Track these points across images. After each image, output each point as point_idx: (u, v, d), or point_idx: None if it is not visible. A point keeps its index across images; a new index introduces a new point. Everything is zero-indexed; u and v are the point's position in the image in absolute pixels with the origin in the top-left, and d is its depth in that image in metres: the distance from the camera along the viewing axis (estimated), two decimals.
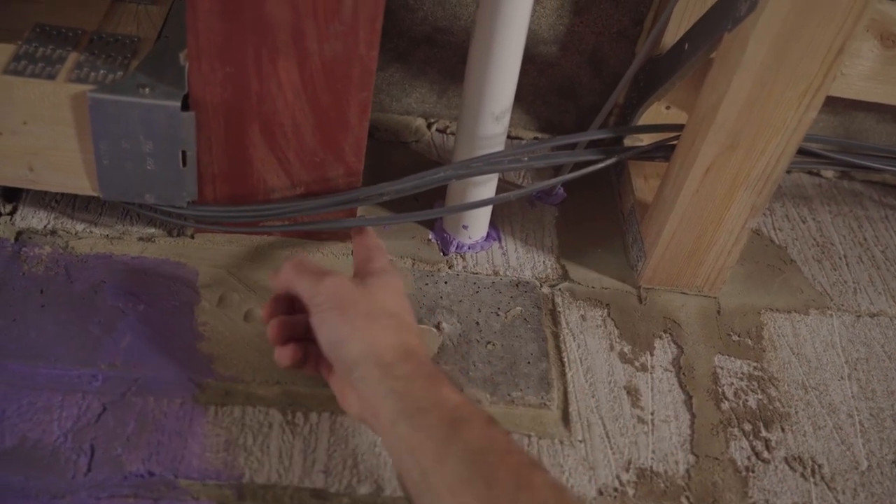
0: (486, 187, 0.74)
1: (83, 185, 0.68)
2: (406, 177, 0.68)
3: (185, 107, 0.63)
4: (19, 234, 0.72)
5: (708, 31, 0.67)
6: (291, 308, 0.61)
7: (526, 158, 0.70)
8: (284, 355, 0.59)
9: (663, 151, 0.73)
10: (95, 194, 0.68)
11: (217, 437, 0.61)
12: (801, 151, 0.75)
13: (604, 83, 0.87)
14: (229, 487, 0.59)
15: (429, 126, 0.90)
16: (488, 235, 0.79)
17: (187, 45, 0.61)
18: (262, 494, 0.59)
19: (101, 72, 0.64)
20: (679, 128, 0.72)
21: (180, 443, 0.60)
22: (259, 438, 0.61)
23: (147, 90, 0.63)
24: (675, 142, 0.72)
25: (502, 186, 0.77)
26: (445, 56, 0.85)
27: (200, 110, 0.64)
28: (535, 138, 0.92)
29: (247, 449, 0.61)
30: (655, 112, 0.84)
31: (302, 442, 0.62)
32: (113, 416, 0.61)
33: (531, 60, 0.85)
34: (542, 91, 0.88)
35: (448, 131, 0.91)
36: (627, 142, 0.83)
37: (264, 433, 0.62)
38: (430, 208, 0.81)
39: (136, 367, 0.64)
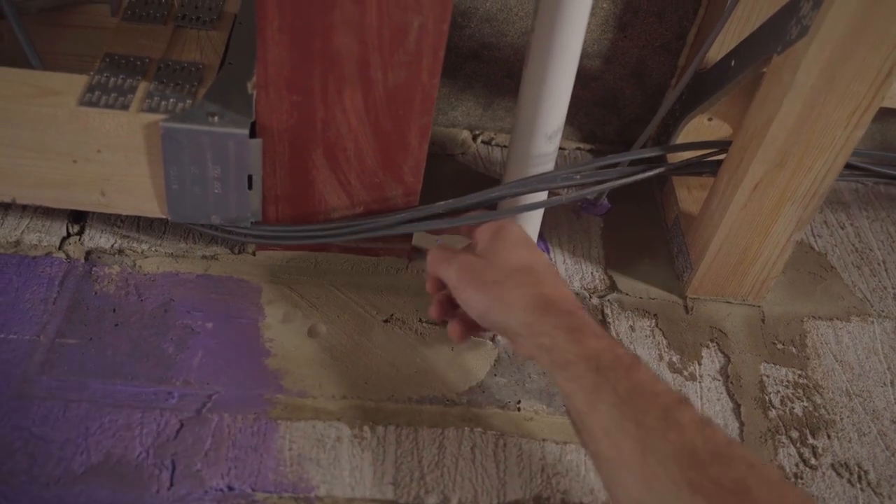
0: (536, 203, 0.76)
1: (152, 209, 0.71)
2: (464, 195, 0.71)
3: (253, 134, 0.66)
4: (88, 253, 0.75)
5: (756, 51, 0.69)
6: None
7: (578, 176, 0.72)
8: (454, 334, 0.66)
9: (710, 167, 0.75)
10: (164, 216, 0.71)
11: (290, 451, 0.64)
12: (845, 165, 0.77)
13: (646, 95, 0.89)
14: (304, 500, 0.61)
15: (474, 138, 0.93)
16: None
17: (256, 75, 0.63)
18: None
19: (171, 100, 0.67)
20: (724, 144, 0.74)
21: (256, 458, 0.63)
22: (330, 452, 0.64)
23: (216, 118, 0.65)
24: (721, 157, 0.74)
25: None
26: (491, 71, 0.87)
27: (267, 136, 0.66)
28: (578, 149, 0.94)
29: (319, 462, 0.64)
30: (698, 123, 0.86)
31: (371, 455, 0.65)
32: (190, 433, 0.64)
33: (576, 74, 0.86)
34: (585, 103, 0.90)
35: (493, 143, 0.93)
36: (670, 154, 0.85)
37: (335, 447, 0.65)
38: None
39: (209, 384, 0.67)
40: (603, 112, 0.91)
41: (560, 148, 0.93)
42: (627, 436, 0.50)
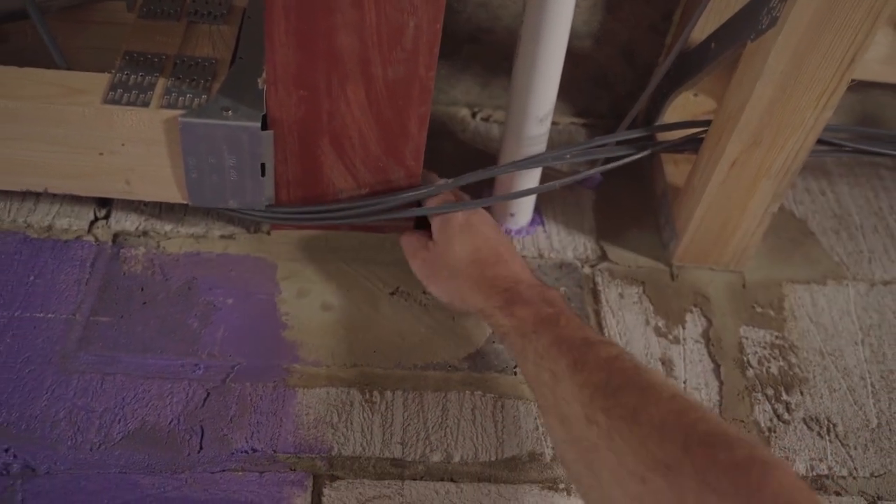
0: (531, 179, 0.81)
1: (173, 195, 0.77)
2: (461, 175, 0.76)
3: (264, 126, 0.71)
4: (115, 236, 0.80)
5: (732, 37, 0.74)
6: None
7: (568, 156, 0.77)
8: None
9: (692, 144, 0.80)
10: (184, 202, 0.77)
11: (307, 416, 0.70)
12: (818, 141, 0.81)
13: (635, 73, 0.94)
14: (321, 459, 0.68)
15: (473, 115, 0.97)
16: (533, 220, 0.87)
17: (266, 73, 0.68)
18: (349, 465, 0.68)
19: (188, 95, 0.72)
20: (706, 123, 0.79)
21: (276, 422, 0.70)
22: (343, 416, 0.71)
23: (230, 112, 0.70)
24: (702, 136, 0.79)
25: (545, 174, 0.84)
26: (488, 53, 0.92)
27: (277, 128, 0.72)
28: (572, 123, 0.99)
29: (333, 425, 0.70)
30: (684, 99, 0.91)
31: (380, 418, 0.71)
32: (216, 400, 0.70)
33: (568, 54, 0.90)
34: (577, 81, 0.94)
35: (491, 119, 0.98)
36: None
37: (347, 411, 0.71)
38: (479, 195, 0.88)
39: (232, 356, 0.73)
40: (595, 88, 0.95)
41: (554, 123, 0.99)
42: (545, 385, 0.60)
